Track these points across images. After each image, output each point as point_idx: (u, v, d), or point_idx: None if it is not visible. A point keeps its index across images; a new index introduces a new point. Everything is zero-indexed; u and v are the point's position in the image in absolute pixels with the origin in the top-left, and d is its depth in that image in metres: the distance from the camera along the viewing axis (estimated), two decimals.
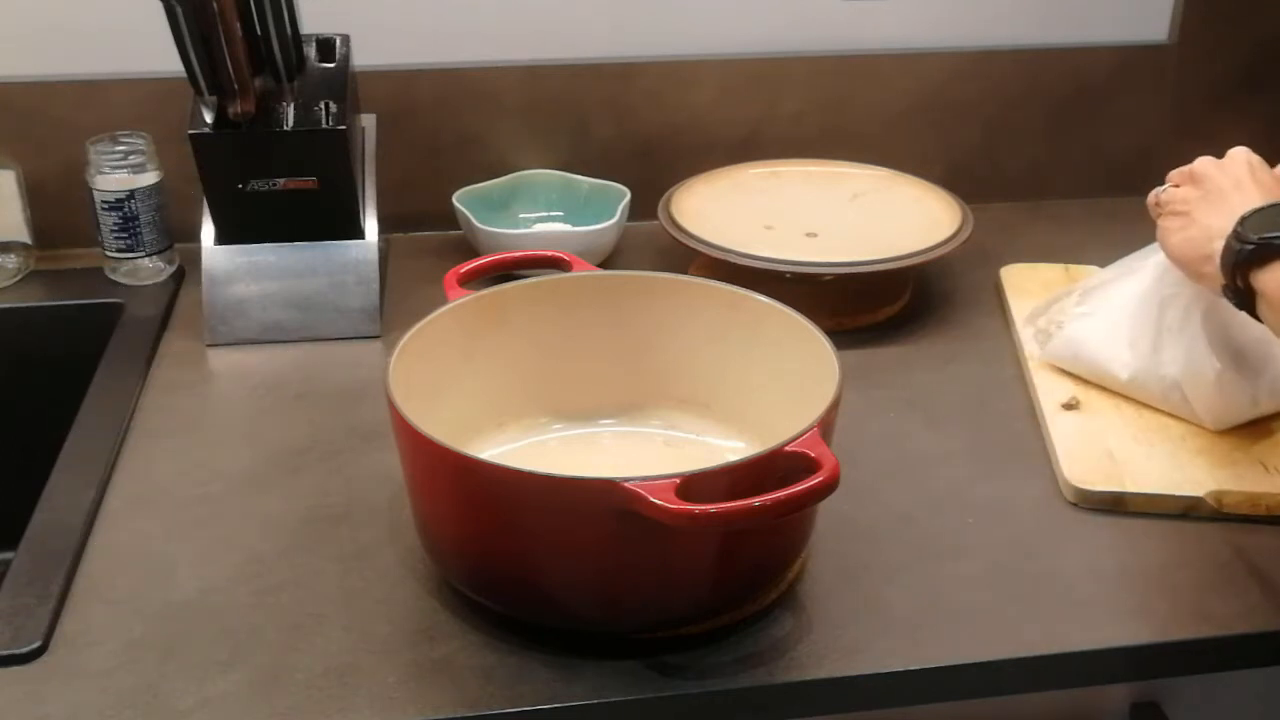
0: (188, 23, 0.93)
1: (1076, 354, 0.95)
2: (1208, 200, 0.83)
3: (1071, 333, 0.95)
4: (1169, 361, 0.89)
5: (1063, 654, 0.72)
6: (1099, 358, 0.93)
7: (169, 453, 0.89)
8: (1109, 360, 0.92)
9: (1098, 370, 0.93)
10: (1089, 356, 0.94)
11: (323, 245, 1.05)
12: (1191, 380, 0.88)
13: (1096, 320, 0.94)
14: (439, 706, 0.67)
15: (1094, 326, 0.94)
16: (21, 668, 0.69)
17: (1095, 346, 0.93)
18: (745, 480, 0.65)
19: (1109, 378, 0.93)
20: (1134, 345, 0.91)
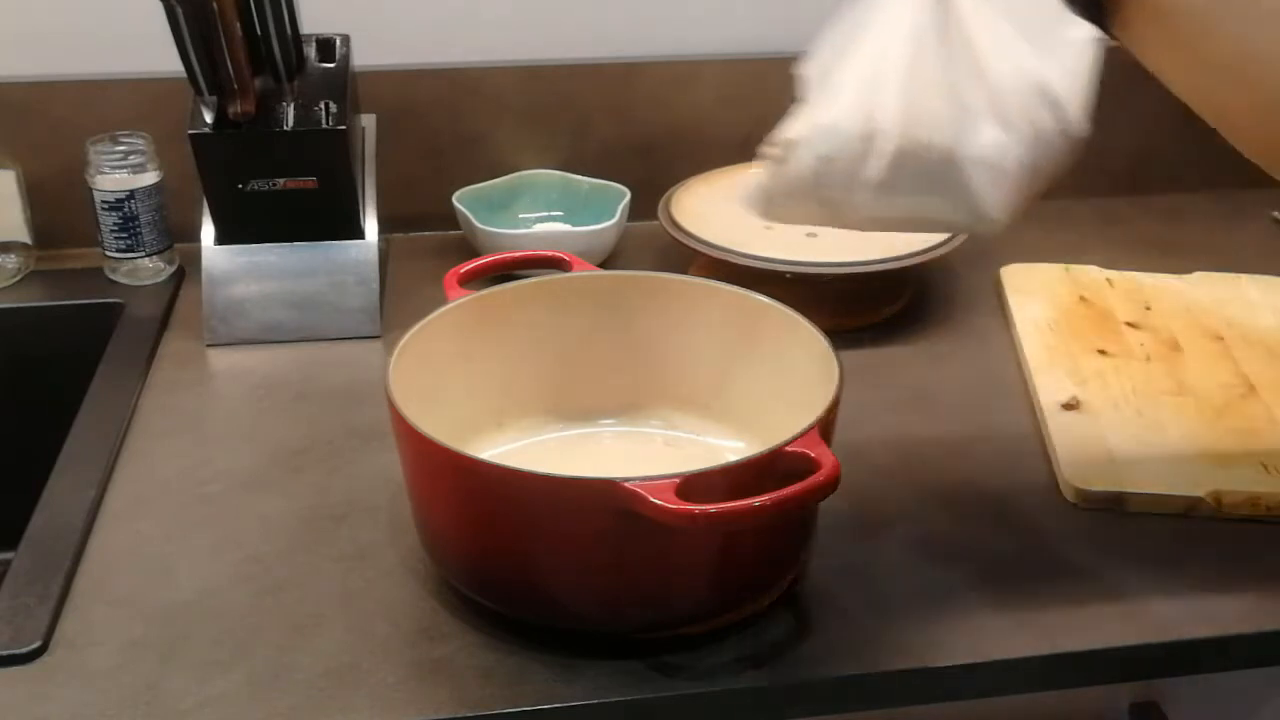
0: (188, 23, 0.94)
1: (818, 176, 0.70)
2: None
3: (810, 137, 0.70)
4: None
5: (1063, 654, 0.72)
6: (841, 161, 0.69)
7: (169, 453, 0.89)
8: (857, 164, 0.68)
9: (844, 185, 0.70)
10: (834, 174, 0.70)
11: (323, 245, 1.05)
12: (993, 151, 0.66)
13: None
14: (439, 706, 0.67)
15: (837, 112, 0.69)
16: (21, 668, 0.69)
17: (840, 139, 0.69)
18: (745, 480, 0.65)
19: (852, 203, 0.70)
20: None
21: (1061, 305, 1.06)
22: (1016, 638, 0.72)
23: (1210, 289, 1.09)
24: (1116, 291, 1.09)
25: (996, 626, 0.73)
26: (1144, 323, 1.04)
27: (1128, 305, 1.06)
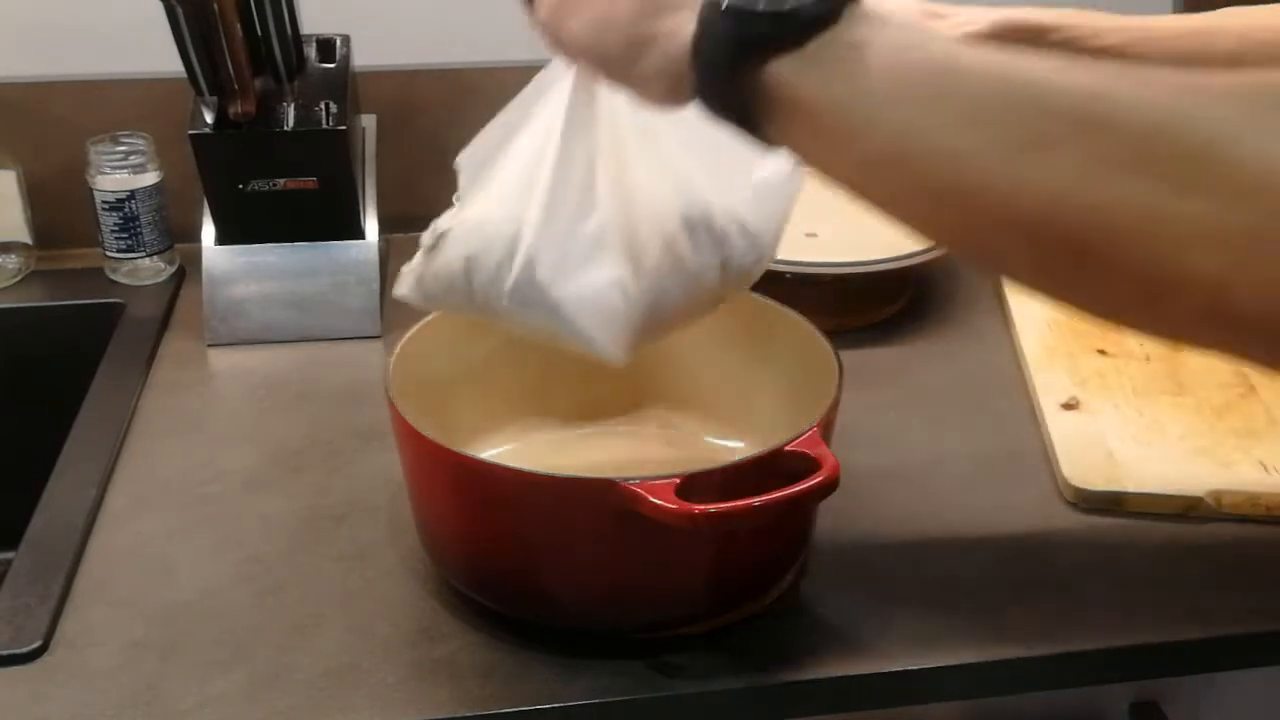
0: (188, 23, 0.94)
1: (450, 281, 0.67)
2: None
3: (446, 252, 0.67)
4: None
5: (1063, 654, 0.72)
6: (479, 273, 0.65)
7: (169, 452, 0.89)
8: (490, 276, 0.64)
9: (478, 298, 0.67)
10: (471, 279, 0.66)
11: (323, 245, 1.05)
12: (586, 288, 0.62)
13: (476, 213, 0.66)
14: (439, 706, 0.67)
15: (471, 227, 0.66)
16: (21, 668, 0.69)
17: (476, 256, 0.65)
18: (745, 480, 0.65)
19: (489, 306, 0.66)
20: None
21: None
22: (1016, 637, 0.72)
23: None
24: None
25: (996, 626, 0.73)
26: None
27: None
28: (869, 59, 0.47)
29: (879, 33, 0.48)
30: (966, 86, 0.46)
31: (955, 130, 0.46)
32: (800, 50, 0.48)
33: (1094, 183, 0.43)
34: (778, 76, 0.49)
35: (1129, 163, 0.42)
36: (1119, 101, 0.43)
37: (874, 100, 0.47)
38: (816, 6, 0.48)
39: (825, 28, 0.48)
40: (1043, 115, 0.44)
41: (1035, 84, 0.45)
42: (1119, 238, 0.43)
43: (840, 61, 0.48)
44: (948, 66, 0.47)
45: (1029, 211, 0.45)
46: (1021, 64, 0.45)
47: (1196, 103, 0.43)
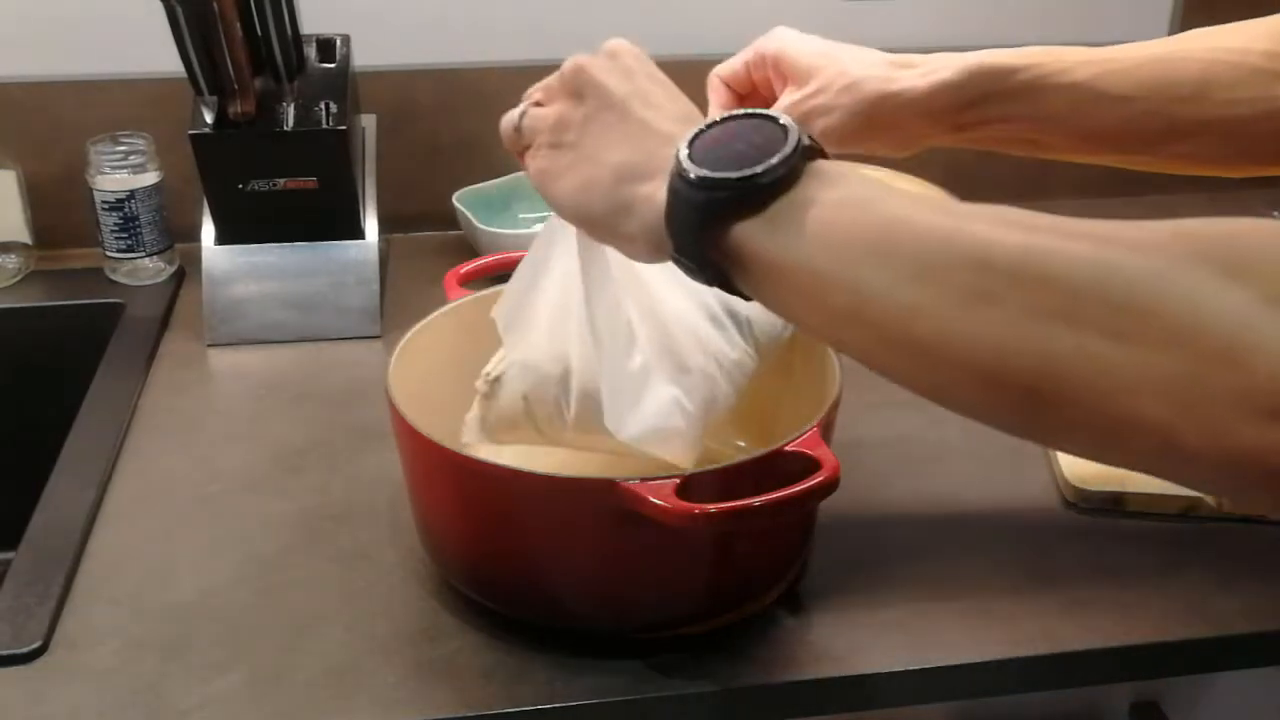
0: (188, 23, 0.94)
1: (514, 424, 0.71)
2: (600, 121, 0.58)
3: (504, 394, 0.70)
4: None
5: (1063, 654, 0.72)
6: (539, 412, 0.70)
7: (169, 453, 0.89)
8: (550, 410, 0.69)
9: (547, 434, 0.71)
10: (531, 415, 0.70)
11: (323, 245, 1.05)
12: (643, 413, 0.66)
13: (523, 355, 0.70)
14: (439, 706, 0.67)
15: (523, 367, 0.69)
16: (21, 668, 0.69)
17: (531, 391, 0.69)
18: (745, 480, 0.65)
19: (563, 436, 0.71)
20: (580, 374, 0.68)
21: None
22: (1016, 637, 0.72)
23: None
24: None
25: (996, 626, 0.73)
26: None
27: None
28: (826, 218, 0.50)
29: (835, 191, 0.50)
30: (914, 243, 0.48)
31: (905, 285, 0.48)
32: (763, 212, 0.51)
33: (1035, 333, 0.45)
34: (743, 238, 0.51)
35: (1064, 314, 0.45)
36: (1050, 256, 0.46)
37: (831, 257, 0.49)
38: (775, 171, 0.50)
39: (785, 191, 0.51)
40: (983, 270, 0.46)
41: (976, 240, 0.47)
42: (1066, 386, 0.45)
43: (800, 222, 0.50)
44: (897, 223, 0.49)
45: (982, 361, 0.47)
46: (965, 223, 0.48)
47: (1120, 255, 0.45)
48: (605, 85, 0.59)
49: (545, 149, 0.60)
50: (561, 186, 0.59)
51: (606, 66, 0.60)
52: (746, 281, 0.53)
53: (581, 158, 0.58)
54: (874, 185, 0.51)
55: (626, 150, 0.56)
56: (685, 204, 0.52)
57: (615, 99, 0.58)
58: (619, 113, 0.58)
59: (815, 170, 0.51)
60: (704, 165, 0.52)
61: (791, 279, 0.51)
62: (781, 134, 0.52)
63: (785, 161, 0.51)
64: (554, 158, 0.60)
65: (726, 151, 0.52)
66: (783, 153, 0.51)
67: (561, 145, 0.59)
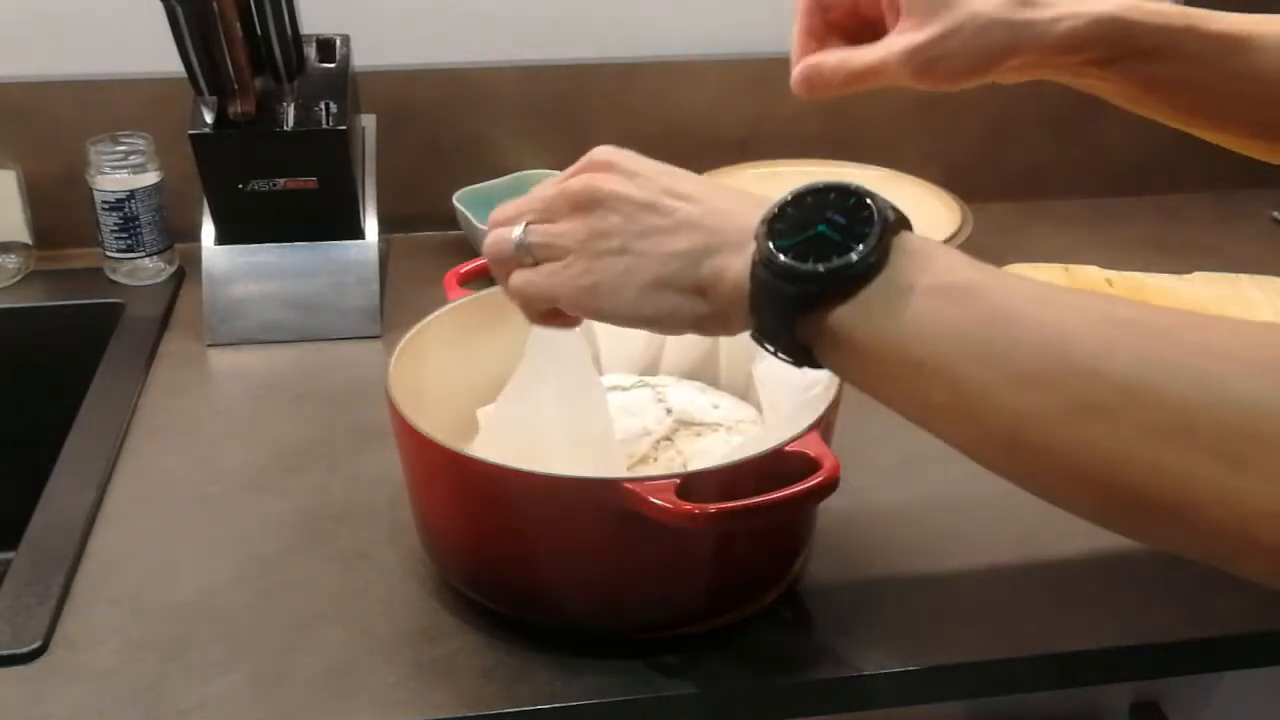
0: (188, 23, 0.94)
1: None
2: (643, 223, 0.56)
3: None
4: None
5: (1063, 654, 0.72)
6: None
7: (169, 453, 0.89)
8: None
9: None
10: None
11: (323, 245, 1.05)
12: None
13: None
14: (439, 706, 0.67)
15: None
16: (21, 668, 0.69)
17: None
18: (745, 480, 0.65)
19: None
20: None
21: None
22: (1016, 637, 0.72)
23: (1210, 289, 1.09)
24: (1116, 291, 1.09)
25: (996, 626, 0.73)
26: None
27: None
28: (923, 308, 0.49)
29: (927, 275, 0.49)
30: (1020, 347, 0.47)
31: (1011, 390, 0.47)
32: (855, 297, 0.50)
33: (1148, 451, 0.44)
34: (834, 324, 0.50)
35: (1178, 435, 0.43)
36: (1164, 372, 0.44)
37: (930, 351, 0.49)
38: (865, 259, 0.49)
39: (874, 277, 0.50)
40: (1093, 382, 0.45)
41: (1085, 348, 0.45)
42: (1180, 505, 0.44)
43: (895, 310, 0.49)
44: (1000, 320, 0.47)
45: (1092, 471, 0.46)
46: (1073, 322, 0.46)
47: (1236, 376, 0.43)
48: (626, 193, 0.57)
49: (580, 263, 0.57)
50: (624, 294, 0.56)
51: (614, 179, 0.59)
52: (835, 364, 0.52)
53: (639, 260, 0.56)
54: (970, 268, 0.50)
55: (686, 239, 0.55)
56: (773, 294, 0.51)
57: (646, 200, 0.57)
58: (659, 211, 0.56)
59: (904, 250, 0.50)
60: (789, 253, 0.51)
61: (886, 367, 0.50)
62: (865, 211, 0.51)
63: (875, 248, 0.50)
64: (601, 269, 0.57)
65: (811, 236, 0.51)
66: (871, 236, 0.50)
67: (604, 254, 0.57)
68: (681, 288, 0.55)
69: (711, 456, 0.69)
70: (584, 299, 0.58)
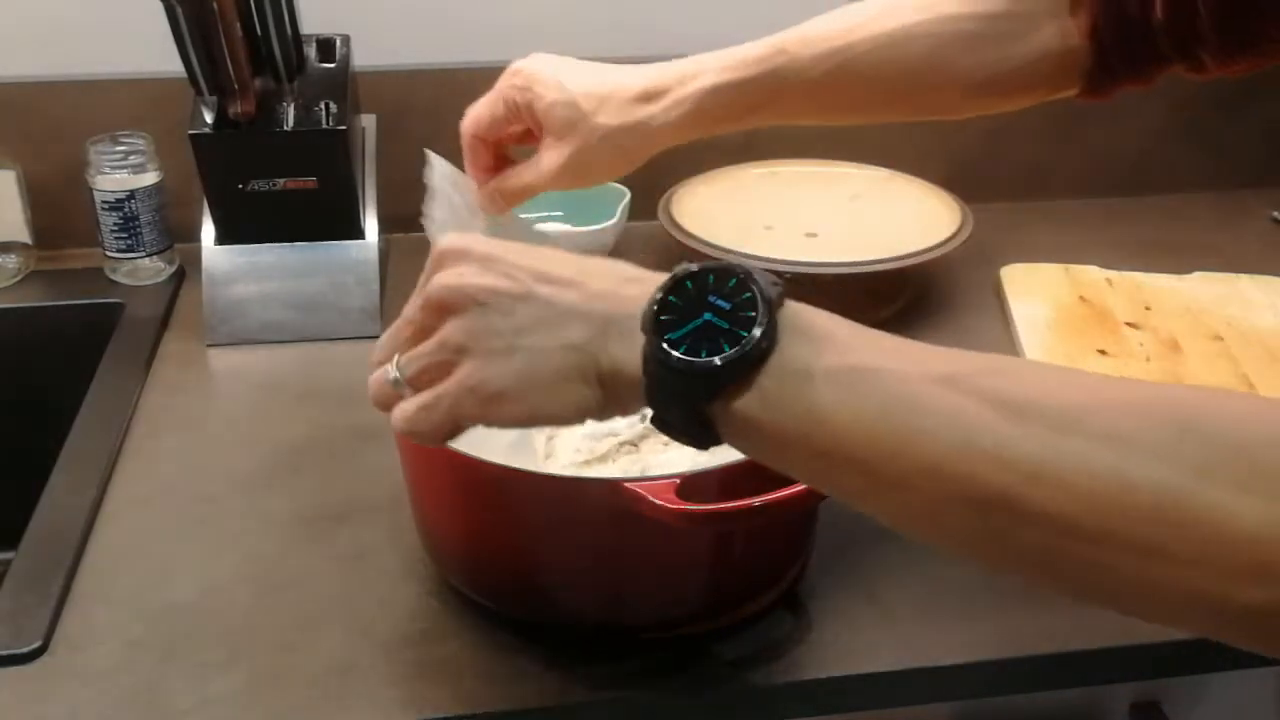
0: (188, 23, 0.94)
1: None
2: (526, 315, 0.52)
3: None
4: None
5: (1063, 654, 0.72)
6: None
7: (169, 453, 0.89)
8: None
9: None
10: None
11: (323, 245, 1.05)
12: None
13: None
14: (439, 706, 0.67)
15: None
16: (21, 668, 0.69)
17: None
18: (745, 480, 0.65)
19: None
20: None
21: (1061, 305, 1.06)
22: (1016, 637, 0.72)
23: (1210, 289, 1.09)
24: (1116, 291, 1.09)
25: (996, 626, 0.73)
26: (1144, 323, 1.04)
27: (1127, 305, 1.06)
28: (821, 399, 0.48)
29: (821, 358, 0.48)
30: (927, 436, 0.46)
31: (923, 478, 0.46)
32: (754, 387, 0.48)
33: (1065, 543, 0.44)
34: (736, 410, 0.49)
35: (1091, 530, 0.43)
36: (1068, 460, 0.43)
37: (832, 438, 0.47)
38: (758, 346, 0.48)
39: (768, 359, 0.48)
40: (1003, 471, 0.44)
41: (989, 436, 0.45)
42: (1108, 594, 0.45)
43: (794, 397, 0.48)
44: (905, 408, 0.46)
45: (1015, 558, 0.46)
46: (976, 406, 0.45)
47: (1140, 465, 0.43)
48: (494, 286, 0.53)
49: (467, 370, 0.53)
50: (532, 395, 0.52)
51: (472, 272, 0.54)
52: (742, 447, 0.51)
53: (535, 355, 0.52)
54: (861, 347, 0.49)
55: (577, 329, 0.51)
56: (668, 389, 0.50)
57: (519, 291, 0.53)
58: (537, 301, 0.52)
59: (792, 327, 0.49)
60: (680, 348, 0.49)
61: (793, 452, 0.49)
62: (747, 293, 0.50)
63: (765, 334, 0.48)
64: (496, 374, 0.52)
65: (698, 326, 0.49)
66: (758, 321, 0.48)
67: (491, 356, 0.52)
68: (584, 379, 0.52)
69: (671, 469, 0.68)
70: (488, 410, 0.53)
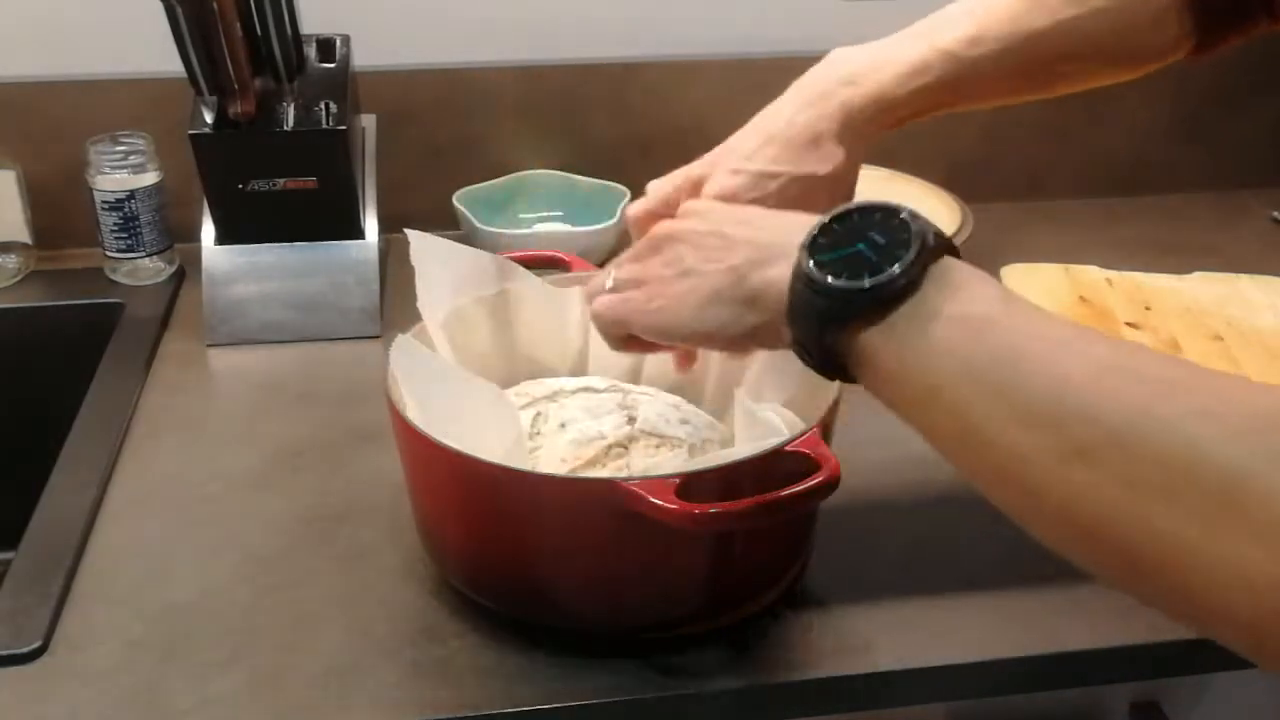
0: (188, 23, 0.94)
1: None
2: (706, 246, 0.61)
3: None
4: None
5: (1063, 654, 0.72)
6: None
7: (169, 453, 0.89)
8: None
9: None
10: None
11: (323, 245, 1.05)
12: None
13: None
14: (439, 706, 0.67)
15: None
16: (21, 668, 0.69)
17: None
18: (745, 480, 0.65)
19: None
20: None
21: (1061, 305, 1.06)
22: (1016, 637, 0.72)
23: (1210, 289, 1.09)
24: (1116, 291, 1.09)
25: (996, 626, 0.73)
26: (1144, 323, 1.04)
27: (1127, 305, 1.06)
28: (945, 335, 0.50)
29: (956, 304, 0.50)
30: (1023, 384, 0.47)
31: (1014, 427, 0.48)
32: (885, 318, 0.51)
33: (1135, 504, 0.44)
34: (865, 342, 0.52)
35: (1163, 491, 0.43)
36: (1153, 427, 0.44)
37: (946, 378, 0.50)
38: (897, 281, 0.50)
39: (905, 300, 0.51)
40: (1088, 429, 0.45)
41: (1084, 394, 0.46)
42: (1164, 565, 0.44)
43: (920, 335, 0.50)
44: (1014, 355, 0.48)
45: (1080, 516, 0.47)
46: (1083, 366, 0.47)
47: (1216, 438, 0.43)
48: (693, 227, 0.62)
49: (651, 289, 0.63)
50: (684, 311, 0.61)
51: (688, 220, 0.64)
52: (864, 379, 0.54)
53: (699, 279, 0.60)
54: (996, 300, 0.51)
55: (740, 254, 0.58)
56: (807, 307, 0.53)
57: (709, 229, 0.61)
58: (720, 235, 0.60)
59: (938, 275, 0.51)
60: (826, 269, 0.52)
61: (906, 389, 0.52)
62: (905, 233, 0.52)
63: (907, 271, 0.50)
64: (667, 293, 0.62)
65: (849, 254, 0.52)
66: (905, 259, 0.51)
67: (671, 279, 0.62)
68: (734, 299, 0.58)
69: (659, 471, 0.69)
70: (649, 320, 0.63)
